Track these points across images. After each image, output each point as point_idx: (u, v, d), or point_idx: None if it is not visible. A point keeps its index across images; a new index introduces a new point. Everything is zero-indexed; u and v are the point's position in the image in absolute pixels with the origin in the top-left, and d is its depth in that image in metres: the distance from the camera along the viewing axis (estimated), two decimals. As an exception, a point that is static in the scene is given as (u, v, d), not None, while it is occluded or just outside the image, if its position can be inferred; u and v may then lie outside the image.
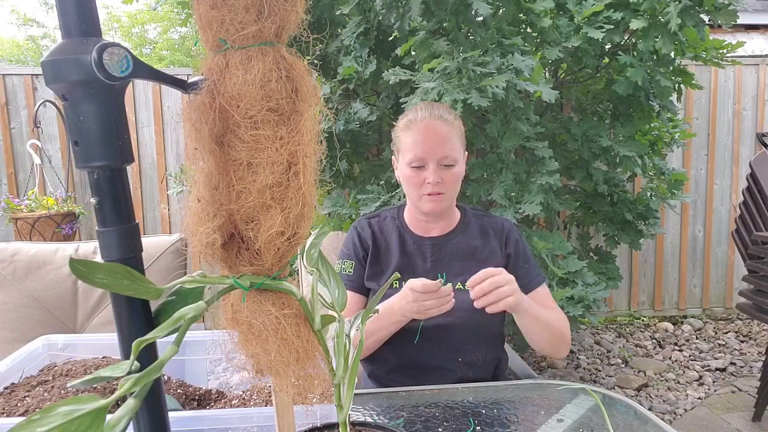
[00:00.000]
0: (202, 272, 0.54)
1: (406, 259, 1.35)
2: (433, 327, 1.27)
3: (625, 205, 2.83)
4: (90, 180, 0.49)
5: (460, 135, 1.31)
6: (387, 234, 1.38)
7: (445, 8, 2.16)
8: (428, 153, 1.25)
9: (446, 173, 1.26)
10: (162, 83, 0.52)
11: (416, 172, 1.27)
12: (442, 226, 1.37)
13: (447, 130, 1.27)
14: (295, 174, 0.53)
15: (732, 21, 2.19)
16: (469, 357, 1.30)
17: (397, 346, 1.30)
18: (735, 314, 4.02)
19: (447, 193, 1.28)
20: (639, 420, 1.00)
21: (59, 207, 2.83)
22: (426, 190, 1.27)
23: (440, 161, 1.25)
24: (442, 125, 1.27)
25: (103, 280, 0.45)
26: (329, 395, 0.60)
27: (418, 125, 1.27)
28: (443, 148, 1.25)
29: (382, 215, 1.43)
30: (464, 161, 1.34)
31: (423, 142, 1.26)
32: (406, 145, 1.28)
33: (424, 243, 1.35)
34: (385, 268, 1.35)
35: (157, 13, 9.75)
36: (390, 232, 1.38)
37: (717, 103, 3.90)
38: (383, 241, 1.38)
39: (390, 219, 1.40)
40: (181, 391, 1.02)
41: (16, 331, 1.50)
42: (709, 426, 2.60)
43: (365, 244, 1.37)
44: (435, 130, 1.26)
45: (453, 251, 1.35)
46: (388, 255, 1.36)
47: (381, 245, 1.37)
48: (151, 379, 0.43)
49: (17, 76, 3.56)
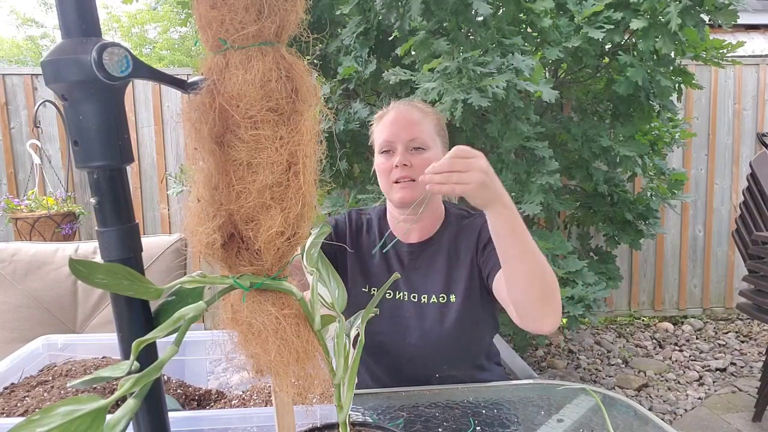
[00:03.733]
0: (202, 272, 0.54)
1: (386, 263, 1.30)
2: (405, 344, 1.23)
3: (626, 205, 2.83)
4: (90, 180, 0.49)
5: (436, 125, 1.26)
6: (372, 234, 1.34)
7: (445, 8, 2.16)
8: (395, 135, 1.21)
9: (416, 157, 1.20)
10: (162, 83, 0.51)
11: (386, 157, 1.23)
12: (423, 228, 1.29)
13: (418, 116, 1.23)
14: (295, 174, 0.53)
15: (732, 21, 2.19)
16: (445, 373, 1.25)
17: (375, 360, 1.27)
18: (735, 314, 4.02)
19: (418, 181, 1.16)
20: (639, 420, 1.00)
21: (59, 207, 2.83)
22: (394, 176, 1.20)
23: (408, 144, 1.20)
24: (413, 111, 1.24)
25: (103, 280, 0.45)
26: (329, 395, 0.60)
27: (389, 114, 1.26)
28: (411, 130, 1.21)
29: (372, 213, 1.38)
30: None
31: (391, 126, 1.22)
32: (378, 133, 1.26)
33: (402, 249, 1.29)
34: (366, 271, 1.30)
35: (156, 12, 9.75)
36: (375, 232, 1.34)
37: (717, 103, 3.90)
38: (367, 242, 1.33)
39: (376, 218, 1.35)
40: (181, 391, 1.02)
41: (15, 331, 1.50)
42: (709, 426, 2.60)
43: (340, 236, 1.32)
44: (405, 115, 1.23)
45: (429, 261, 1.28)
46: (370, 257, 1.31)
47: (364, 246, 1.33)
48: (151, 380, 0.43)
49: (17, 75, 3.56)
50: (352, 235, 1.34)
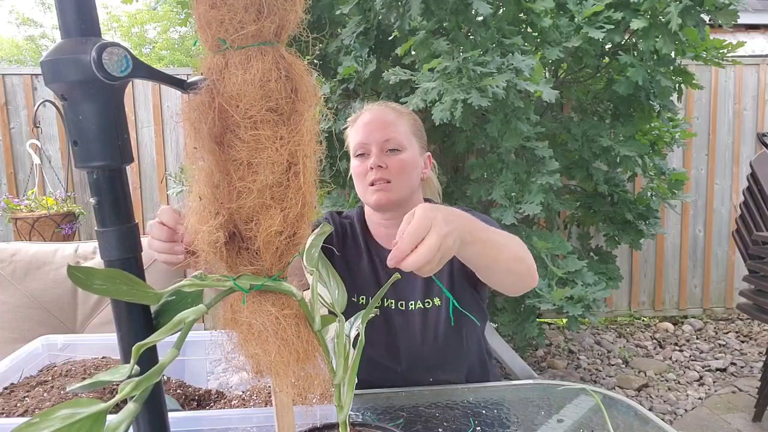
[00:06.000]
0: (202, 272, 0.54)
1: (373, 270, 1.25)
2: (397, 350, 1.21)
3: (626, 205, 2.82)
4: (89, 180, 0.49)
5: (412, 126, 1.23)
6: (357, 239, 1.28)
7: (445, 8, 2.16)
8: (369, 136, 1.18)
9: (391, 159, 1.17)
10: (161, 83, 0.51)
11: (361, 160, 1.20)
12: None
13: (393, 117, 1.21)
14: (295, 174, 0.53)
15: (732, 21, 2.19)
16: (440, 377, 1.23)
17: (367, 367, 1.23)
18: (735, 314, 4.02)
19: (394, 182, 1.16)
20: (639, 420, 1.00)
21: (59, 207, 2.83)
22: (369, 178, 1.16)
23: (383, 146, 1.17)
24: (387, 112, 1.21)
25: (102, 286, 0.45)
26: (329, 395, 0.60)
27: (363, 116, 1.23)
28: (386, 131, 1.18)
29: (352, 216, 1.32)
30: (425, 159, 1.25)
31: (365, 128, 1.20)
32: (352, 138, 1.23)
33: (383, 254, 1.24)
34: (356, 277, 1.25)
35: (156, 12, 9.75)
36: (358, 237, 1.28)
37: (717, 102, 3.89)
38: (354, 247, 1.28)
39: (358, 222, 1.30)
40: (181, 391, 1.02)
41: (15, 331, 1.50)
42: (709, 426, 2.60)
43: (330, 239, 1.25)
44: (378, 116, 1.21)
45: None
46: (358, 263, 1.26)
47: (351, 251, 1.28)
48: (151, 383, 0.43)
49: (17, 75, 3.55)
50: (339, 239, 1.29)
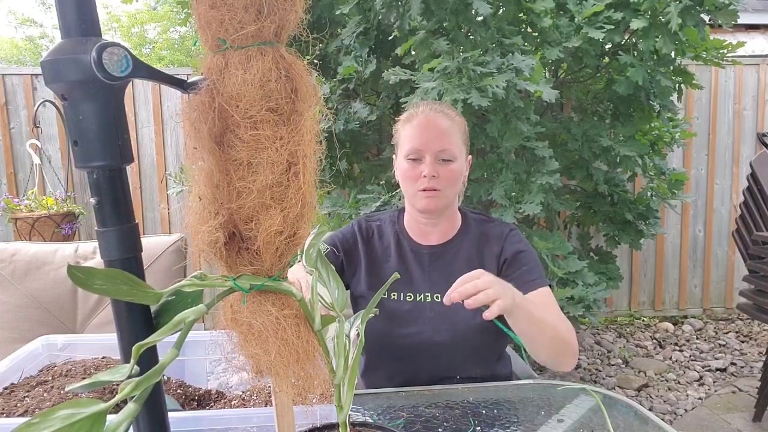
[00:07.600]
0: (202, 272, 0.54)
1: (404, 266, 1.30)
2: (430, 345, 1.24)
3: (626, 205, 2.83)
4: (89, 180, 0.49)
5: (462, 133, 1.27)
6: (385, 239, 1.33)
7: (445, 8, 2.16)
8: (425, 144, 1.21)
9: (443, 168, 1.21)
10: (161, 83, 0.51)
11: (413, 165, 1.23)
12: (441, 232, 1.30)
13: (447, 125, 1.23)
14: (295, 174, 0.53)
15: (732, 21, 2.19)
16: (467, 374, 1.26)
17: (395, 363, 1.27)
18: (735, 314, 4.02)
19: (443, 191, 1.22)
20: (639, 420, 1.00)
21: (59, 207, 2.83)
22: (421, 185, 1.21)
23: (438, 155, 1.21)
24: (442, 119, 1.24)
25: (102, 286, 0.45)
26: (329, 395, 0.60)
27: (418, 117, 1.25)
28: (441, 141, 1.21)
29: (383, 218, 1.38)
30: (467, 163, 1.29)
31: (421, 134, 1.22)
32: (405, 137, 1.25)
33: (422, 251, 1.30)
34: (382, 275, 1.30)
35: (156, 12, 9.74)
36: (388, 237, 1.33)
37: (717, 103, 3.89)
38: (381, 247, 1.33)
39: (389, 223, 1.36)
40: (181, 391, 1.02)
41: (15, 331, 1.50)
42: (709, 426, 2.60)
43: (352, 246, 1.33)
44: (434, 123, 1.23)
45: (451, 261, 1.28)
46: (385, 261, 1.31)
47: (378, 251, 1.32)
48: (151, 384, 0.43)
49: (17, 75, 3.55)
50: (364, 242, 1.33)
